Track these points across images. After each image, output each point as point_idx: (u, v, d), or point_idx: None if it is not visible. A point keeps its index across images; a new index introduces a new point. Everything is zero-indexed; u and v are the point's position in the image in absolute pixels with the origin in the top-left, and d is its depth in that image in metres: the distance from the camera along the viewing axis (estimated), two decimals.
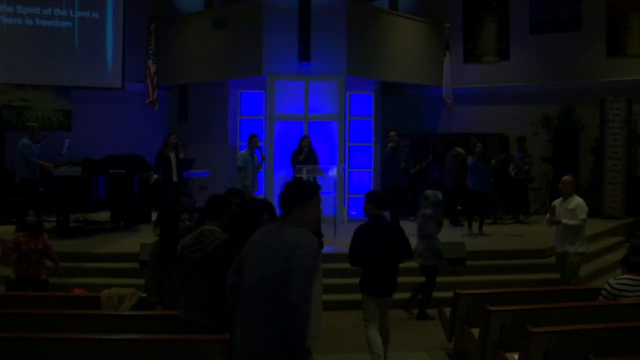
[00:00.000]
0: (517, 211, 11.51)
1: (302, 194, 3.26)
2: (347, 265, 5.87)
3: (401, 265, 5.57)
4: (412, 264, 7.94)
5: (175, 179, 10.00)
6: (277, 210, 3.53)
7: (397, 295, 5.80)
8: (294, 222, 3.18)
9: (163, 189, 10.02)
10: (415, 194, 11.75)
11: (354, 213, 11.46)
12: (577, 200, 6.76)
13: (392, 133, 10.03)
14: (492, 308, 4.90)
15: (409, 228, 9.94)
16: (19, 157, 9.50)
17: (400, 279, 5.58)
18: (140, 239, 8.66)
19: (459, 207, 11.00)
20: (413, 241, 6.12)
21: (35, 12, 11.86)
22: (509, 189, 11.74)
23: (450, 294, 5.93)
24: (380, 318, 5.40)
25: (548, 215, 6.92)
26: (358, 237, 5.41)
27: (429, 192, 7.17)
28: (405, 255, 5.54)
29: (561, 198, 6.92)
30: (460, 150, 10.98)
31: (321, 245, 4.78)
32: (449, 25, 12.99)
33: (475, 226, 10.01)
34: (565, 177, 7.13)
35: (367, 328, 5.32)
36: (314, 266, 3.04)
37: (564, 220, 6.70)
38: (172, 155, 9.99)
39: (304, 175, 9.71)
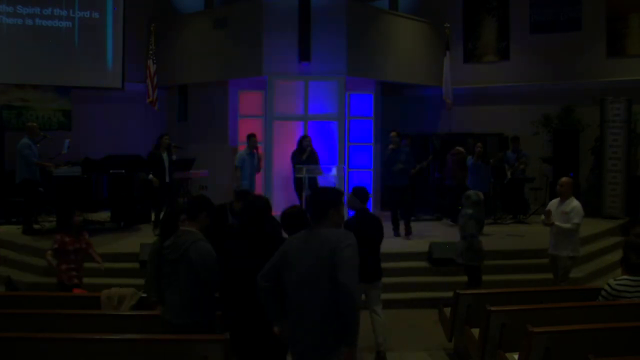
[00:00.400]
0: (517, 211, 11.51)
1: (335, 198, 3.66)
2: None
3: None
4: (421, 263, 7.98)
5: (167, 179, 9.86)
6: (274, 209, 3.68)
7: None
8: (329, 224, 3.56)
9: (155, 189, 9.92)
10: (415, 194, 11.78)
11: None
12: (574, 204, 6.75)
13: (392, 133, 10.03)
14: (492, 308, 4.89)
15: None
16: (19, 157, 9.49)
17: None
18: (140, 239, 8.67)
19: (459, 207, 11.00)
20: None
21: (35, 12, 11.84)
22: (506, 189, 11.74)
23: (450, 294, 5.94)
24: (371, 306, 5.63)
25: (543, 216, 6.92)
26: (350, 229, 5.53)
27: (470, 192, 7.12)
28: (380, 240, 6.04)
29: (558, 199, 6.92)
30: (460, 149, 10.99)
31: None
32: (449, 25, 12.99)
33: None
34: (564, 179, 7.10)
35: None
36: (357, 258, 3.42)
37: (558, 223, 6.70)
38: (164, 155, 9.86)
39: (304, 175, 9.70)
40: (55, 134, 11.35)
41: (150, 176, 9.76)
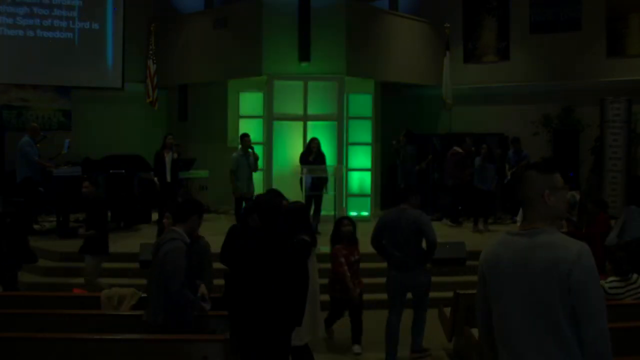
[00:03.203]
0: (517, 211, 11.48)
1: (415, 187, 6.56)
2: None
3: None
4: None
5: (168, 179, 9.80)
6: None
7: None
8: (411, 206, 5.63)
9: (157, 189, 9.88)
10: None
11: (354, 213, 11.47)
12: None
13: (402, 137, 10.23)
14: None
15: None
16: (20, 155, 9.48)
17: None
18: (140, 239, 8.65)
19: (459, 207, 11.03)
20: None
21: (36, 6, 11.87)
22: (506, 189, 11.74)
23: (450, 294, 5.94)
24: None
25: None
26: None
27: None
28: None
29: None
30: (459, 149, 10.98)
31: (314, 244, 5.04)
32: (449, 25, 12.99)
33: (480, 223, 10.28)
34: None
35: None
36: (431, 224, 5.62)
37: None
38: (168, 155, 9.81)
39: (304, 175, 9.73)
40: (55, 134, 11.37)
41: (153, 177, 9.78)
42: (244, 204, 9.38)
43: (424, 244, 5.65)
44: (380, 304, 6.25)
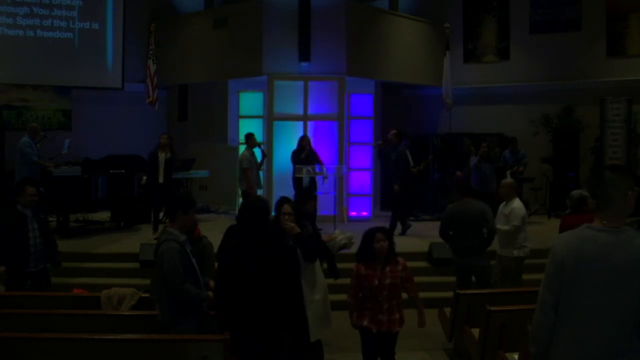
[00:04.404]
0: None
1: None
2: (349, 265, 5.85)
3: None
4: (421, 263, 7.90)
5: (160, 180, 9.32)
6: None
7: None
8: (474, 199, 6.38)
9: (150, 190, 9.67)
10: (415, 195, 11.76)
11: (354, 213, 11.47)
12: (513, 205, 6.73)
13: (393, 132, 10.04)
14: (492, 308, 4.90)
15: (410, 227, 10.01)
16: (20, 155, 9.46)
17: None
18: (140, 239, 8.67)
19: None
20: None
21: (36, 6, 11.86)
22: None
23: (450, 294, 5.94)
24: None
25: None
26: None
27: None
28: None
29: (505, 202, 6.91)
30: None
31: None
32: (449, 25, 12.98)
33: None
34: (505, 180, 7.27)
35: None
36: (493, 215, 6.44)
37: (498, 226, 6.72)
38: (162, 155, 9.33)
39: (304, 174, 9.70)
40: (55, 134, 11.35)
41: (144, 177, 9.67)
42: None
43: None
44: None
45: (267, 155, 10.61)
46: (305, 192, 6.44)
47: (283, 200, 4.88)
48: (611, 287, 2.68)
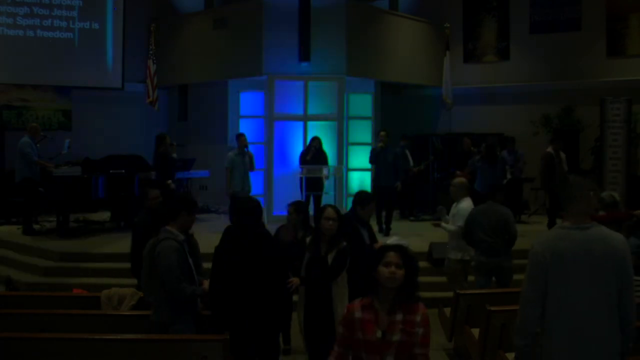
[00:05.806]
0: (516, 211, 11.48)
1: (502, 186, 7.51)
2: None
3: None
4: (421, 263, 7.88)
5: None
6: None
7: None
8: (497, 202, 6.37)
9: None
10: (415, 195, 11.77)
11: None
12: (460, 205, 6.55)
13: (382, 133, 10.08)
14: (492, 308, 4.89)
15: (410, 227, 10.01)
16: (20, 155, 9.47)
17: None
18: None
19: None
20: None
21: (36, 6, 11.86)
22: (506, 189, 11.71)
23: (450, 294, 5.93)
24: None
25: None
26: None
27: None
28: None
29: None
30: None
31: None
32: (449, 25, 12.99)
33: None
34: (455, 180, 6.94)
35: None
36: (514, 219, 6.46)
37: (443, 225, 6.66)
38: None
39: (304, 175, 9.73)
40: (55, 134, 11.36)
41: (169, 182, 9.57)
42: None
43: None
44: None
45: (252, 156, 10.36)
46: (363, 195, 5.76)
47: (327, 205, 4.88)
48: (591, 278, 3.00)
